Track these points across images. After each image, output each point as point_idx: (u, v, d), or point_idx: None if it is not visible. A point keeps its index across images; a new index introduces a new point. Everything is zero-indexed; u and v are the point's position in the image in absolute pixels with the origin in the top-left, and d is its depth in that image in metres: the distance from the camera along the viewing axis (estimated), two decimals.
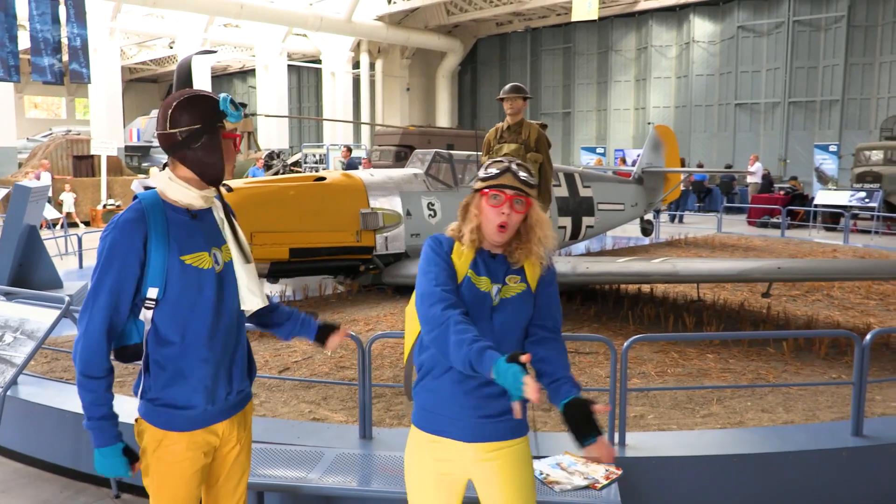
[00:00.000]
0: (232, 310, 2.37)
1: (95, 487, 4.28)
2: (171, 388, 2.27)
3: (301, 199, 7.64)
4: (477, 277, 2.35)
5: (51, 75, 17.78)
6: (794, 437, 4.08)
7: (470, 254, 2.37)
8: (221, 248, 2.35)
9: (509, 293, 2.35)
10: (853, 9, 24.48)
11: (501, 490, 2.32)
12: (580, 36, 31.34)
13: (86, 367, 2.18)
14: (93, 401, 2.20)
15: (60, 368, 5.39)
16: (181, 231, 2.25)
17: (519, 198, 2.31)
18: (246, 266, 2.39)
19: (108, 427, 2.23)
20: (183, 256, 2.23)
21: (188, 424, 2.30)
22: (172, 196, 2.27)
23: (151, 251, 2.19)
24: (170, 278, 2.21)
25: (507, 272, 2.37)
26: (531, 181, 2.35)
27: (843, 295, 8.07)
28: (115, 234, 2.19)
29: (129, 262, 2.17)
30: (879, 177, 16.59)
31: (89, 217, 18.44)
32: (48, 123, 41.94)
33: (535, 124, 6.74)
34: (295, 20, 27.92)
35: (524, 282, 2.37)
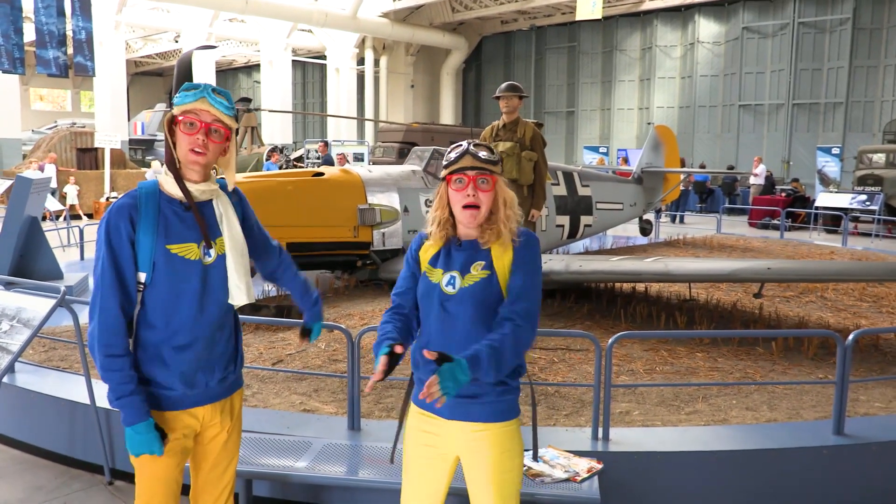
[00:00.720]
0: (219, 302, 2.41)
1: (89, 474, 4.36)
2: (151, 368, 2.35)
3: (299, 194, 7.71)
4: (431, 270, 2.40)
5: (55, 68, 17.88)
6: (776, 434, 4.13)
7: (436, 246, 2.42)
8: (216, 241, 2.39)
9: (470, 281, 2.35)
10: (858, 11, 24.47)
11: (484, 471, 2.34)
12: (585, 35, 31.37)
13: (107, 348, 2.27)
14: (120, 379, 2.27)
15: (58, 357, 5.47)
16: (171, 221, 2.32)
17: (482, 177, 2.33)
18: (237, 261, 2.42)
19: (137, 403, 2.28)
20: (169, 245, 2.30)
21: (166, 404, 2.37)
22: (168, 188, 2.35)
23: (140, 236, 2.28)
24: (157, 265, 2.29)
25: (473, 259, 2.37)
26: (492, 158, 2.35)
27: (836, 297, 8.12)
28: (108, 216, 2.30)
29: (123, 243, 2.27)
30: (881, 180, 16.61)
31: (93, 209, 18.55)
32: (53, 116, 42.14)
33: (530, 123, 6.80)
34: (300, 16, 28.00)
35: (488, 268, 2.35)
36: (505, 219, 2.36)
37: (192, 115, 2.30)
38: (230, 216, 2.44)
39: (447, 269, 2.38)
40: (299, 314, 2.77)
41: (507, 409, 2.37)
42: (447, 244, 2.41)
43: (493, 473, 2.34)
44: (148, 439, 2.28)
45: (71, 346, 5.59)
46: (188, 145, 2.30)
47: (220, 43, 35.56)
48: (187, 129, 2.30)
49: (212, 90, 2.33)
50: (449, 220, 2.39)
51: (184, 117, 2.30)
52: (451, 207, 2.37)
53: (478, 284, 2.34)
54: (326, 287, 8.24)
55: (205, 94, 2.31)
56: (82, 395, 4.28)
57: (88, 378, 4.16)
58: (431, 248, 2.43)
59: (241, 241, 2.45)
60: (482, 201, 2.33)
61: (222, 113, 2.33)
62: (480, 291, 2.33)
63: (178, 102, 2.31)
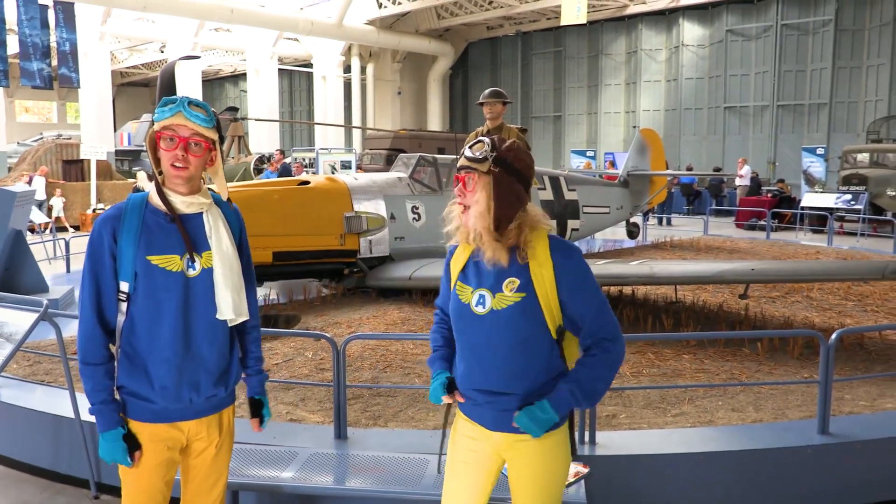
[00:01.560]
0: (205, 317, 2.39)
1: (74, 488, 4.33)
2: (134, 379, 2.37)
3: (284, 202, 7.69)
4: (462, 286, 2.33)
5: (40, 80, 17.84)
6: (762, 435, 4.15)
7: (464, 256, 2.35)
8: (202, 254, 2.37)
9: (502, 304, 2.23)
10: (840, 13, 24.69)
11: (522, 481, 2.32)
12: (571, 40, 31.51)
13: (83, 355, 2.33)
14: (93, 387, 2.32)
15: (42, 371, 5.44)
16: (154, 232, 2.33)
17: (468, 175, 2.26)
18: (226, 275, 2.39)
19: (108, 411, 2.32)
20: (150, 256, 2.32)
21: (149, 416, 2.38)
22: (155, 200, 2.37)
23: (122, 246, 2.31)
24: (137, 276, 2.31)
25: (504, 275, 2.25)
26: (477, 156, 2.24)
27: (822, 296, 8.16)
28: (94, 228, 2.36)
29: (104, 254, 2.32)
30: (865, 179, 16.75)
31: (79, 221, 18.45)
32: (39, 128, 41.96)
33: (514, 128, 6.82)
34: (286, 24, 28.00)
35: (524, 289, 2.22)
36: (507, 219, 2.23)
37: (170, 131, 2.31)
38: (220, 229, 2.41)
39: (477, 287, 2.28)
40: (287, 324, 2.77)
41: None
42: (475, 254, 2.31)
43: (536, 482, 2.32)
44: (114, 448, 2.32)
45: (55, 360, 5.55)
46: (169, 160, 2.32)
47: (206, 52, 35.52)
48: (167, 144, 2.32)
49: (188, 103, 2.32)
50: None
51: (163, 133, 2.31)
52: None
53: (512, 309, 2.22)
54: (314, 295, 8.23)
55: (181, 108, 2.30)
56: (67, 410, 4.25)
57: (73, 392, 4.13)
58: (461, 256, 2.37)
59: (230, 254, 2.42)
60: (469, 201, 2.26)
61: (200, 126, 2.32)
62: (516, 318, 2.22)
63: (156, 118, 2.33)
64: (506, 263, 2.23)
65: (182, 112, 2.30)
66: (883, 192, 16.60)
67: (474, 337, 2.28)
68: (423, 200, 8.64)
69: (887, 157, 17.40)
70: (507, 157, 2.25)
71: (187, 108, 2.31)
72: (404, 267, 7.84)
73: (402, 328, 6.66)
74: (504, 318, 2.23)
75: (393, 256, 8.24)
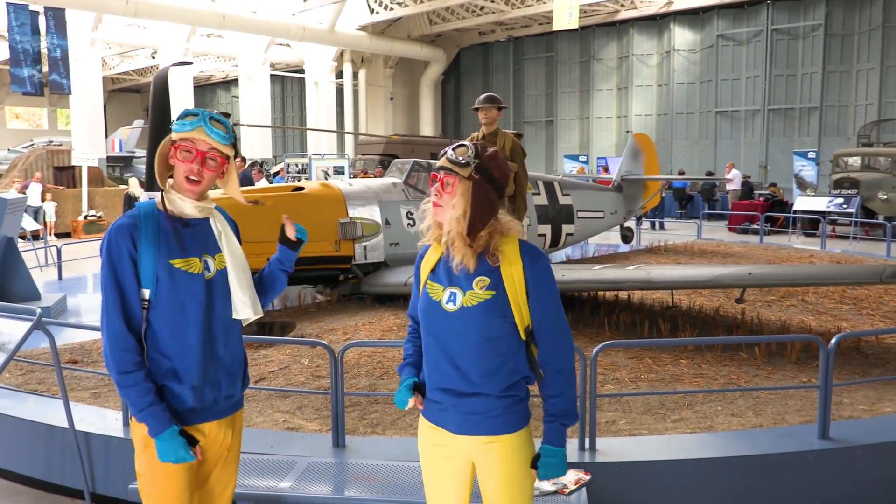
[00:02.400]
0: (224, 317, 2.45)
1: (69, 499, 4.28)
2: (162, 383, 2.36)
3: (278, 209, 7.64)
4: (432, 285, 2.35)
5: (31, 86, 17.75)
6: (762, 440, 4.14)
7: (435, 256, 2.37)
8: (215, 256, 2.45)
9: (473, 301, 2.26)
10: (830, 17, 24.84)
11: (495, 482, 2.32)
12: (562, 45, 31.58)
13: (120, 365, 2.30)
14: (137, 393, 2.30)
15: (35, 381, 5.37)
16: (172, 237, 2.37)
17: (447, 177, 2.26)
18: (240, 276, 2.47)
19: (158, 413, 2.30)
20: (172, 260, 2.35)
21: (177, 419, 2.36)
22: (168, 205, 2.40)
23: (141, 253, 2.32)
24: (160, 280, 2.33)
25: (476, 275, 2.28)
26: (459, 160, 2.26)
27: (817, 300, 8.17)
28: (108, 236, 2.34)
29: (123, 261, 2.31)
30: (857, 183, 16.81)
31: (70, 228, 18.34)
32: (30, 134, 41.65)
33: (509, 133, 6.81)
34: (277, 30, 27.96)
35: (494, 288, 2.26)
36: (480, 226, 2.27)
37: (188, 143, 2.35)
38: (228, 232, 2.50)
39: (448, 285, 2.31)
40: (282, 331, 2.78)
41: (515, 420, 2.33)
42: (447, 255, 2.33)
43: (504, 484, 2.33)
44: (173, 446, 2.30)
45: (48, 369, 5.49)
46: (184, 173, 2.38)
47: (198, 58, 35.44)
48: (183, 156, 2.37)
49: (209, 118, 2.37)
50: (440, 224, 2.34)
51: (181, 144, 2.36)
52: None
53: (482, 306, 2.26)
54: (309, 302, 8.18)
55: (202, 123, 2.36)
56: (60, 419, 4.20)
57: (66, 401, 4.07)
58: (432, 256, 2.39)
59: (241, 256, 2.51)
60: (444, 203, 2.27)
61: (219, 143, 2.38)
62: (485, 315, 2.26)
63: (176, 129, 2.36)
64: (472, 269, 2.29)
65: (203, 127, 2.35)
66: (874, 196, 16.67)
67: (443, 333, 2.30)
68: (417, 206, 8.61)
69: (878, 161, 17.48)
70: (488, 166, 2.28)
71: (208, 124, 2.36)
72: (399, 273, 7.81)
73: (397, 334, 6.62)
74: (474, 314, 2.26)
75: (388, 262, 8.20)
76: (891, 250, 12.79)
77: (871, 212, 16.65)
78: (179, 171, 2.38)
